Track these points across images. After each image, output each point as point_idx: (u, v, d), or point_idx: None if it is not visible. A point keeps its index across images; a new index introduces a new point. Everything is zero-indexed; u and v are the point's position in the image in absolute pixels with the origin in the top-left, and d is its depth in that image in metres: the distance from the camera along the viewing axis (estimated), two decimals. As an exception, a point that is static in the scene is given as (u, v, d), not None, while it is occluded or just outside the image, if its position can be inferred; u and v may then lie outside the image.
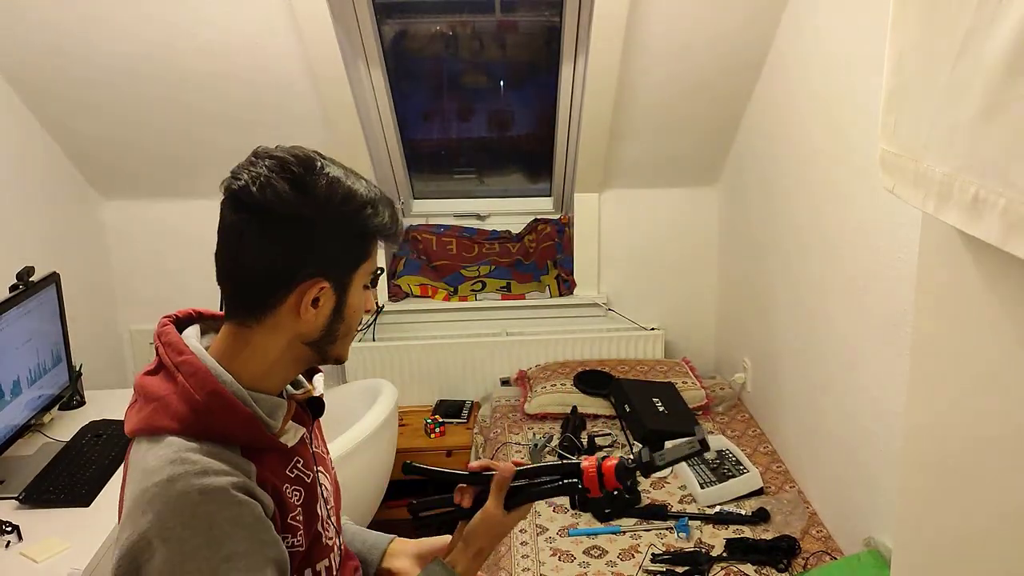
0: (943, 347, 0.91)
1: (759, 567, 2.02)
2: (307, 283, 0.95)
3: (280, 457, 1.02)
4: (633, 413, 2.66)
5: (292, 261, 0.95)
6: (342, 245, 0.97)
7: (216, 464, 0.91)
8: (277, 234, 0.94)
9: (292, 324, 0.98)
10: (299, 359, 1.02)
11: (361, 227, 0.97)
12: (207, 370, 0.95)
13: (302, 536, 1.02)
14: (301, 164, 0.94)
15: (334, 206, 0.95)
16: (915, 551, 1.01)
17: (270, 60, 2.48)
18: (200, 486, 0.88)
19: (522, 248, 3.23)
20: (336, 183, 0.95)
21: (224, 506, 0.89)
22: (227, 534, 0.88)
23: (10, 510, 1.83)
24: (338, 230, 0.96)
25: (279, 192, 0.92)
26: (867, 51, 1.89)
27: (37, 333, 2.12)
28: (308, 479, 1.06)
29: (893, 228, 1.79)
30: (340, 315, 1.00)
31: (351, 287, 1.00)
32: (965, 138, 0.71)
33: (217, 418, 0.94)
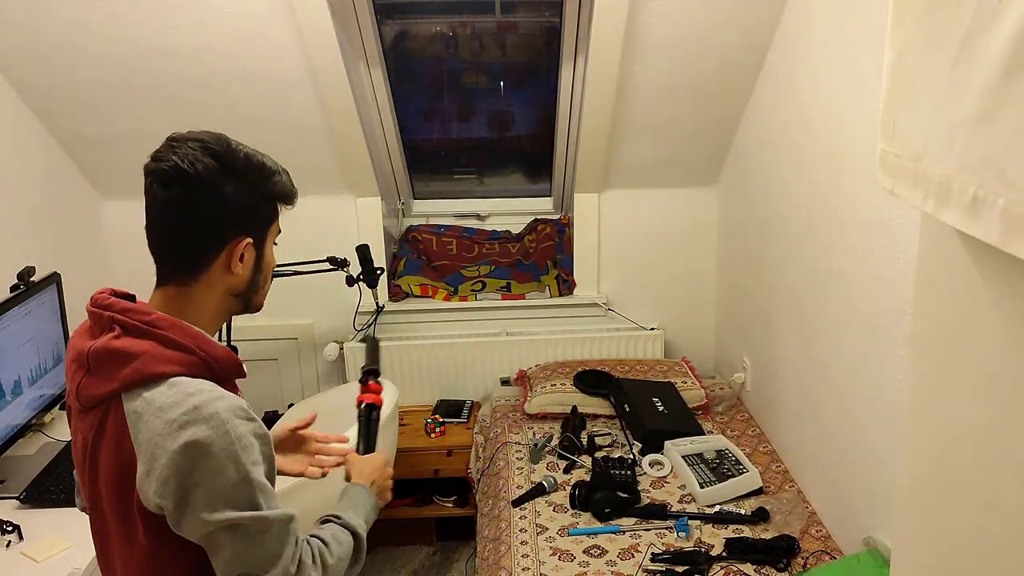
0: (943, 347, 0.91)
1: (759, 567, 2.02)
2: (234, 241, 1.13)
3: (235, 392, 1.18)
4: (633, 413, 2.66)
5: (221, 223, 1.12)
6: (259, 207, 1.17)
7: (227, 394, 1.08)
8: (207, 202, 1.10)
9: (223, 279, 1.15)
10: (228, 309, 1.19)
11: (271, 191, 1.17)
12: (181, 322, 1.11)
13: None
14: (219, 143, 1.12)
15: (251, 175, 1.14)
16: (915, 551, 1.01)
17: (270, 60, 2.48)
18: (224, 406, 1.05)
19: (522, 248, 3.23)
20: (250, 156, 1.14)
21: (244, 422, 1.06)
22: (251, 444, 1.06)
23: (11, 510, 1.84)
24: (255, 195, 1.15)
25: (207, 166, 1.09)
26: (866, 51, 1.89)
27: (38, 333, 2.12)
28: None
29: (892, 228, 1.79)
30: (259, 267, 1.19)
31: (266, 243, 1.20)
32: (964, 138, 0.71)
33: (207, 357, 1.10)
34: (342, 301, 3.00)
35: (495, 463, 2.63)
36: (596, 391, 2.84)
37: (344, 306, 3.04)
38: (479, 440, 2.85)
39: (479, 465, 2.75)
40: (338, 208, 3.02)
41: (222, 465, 1.03)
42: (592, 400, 2.82)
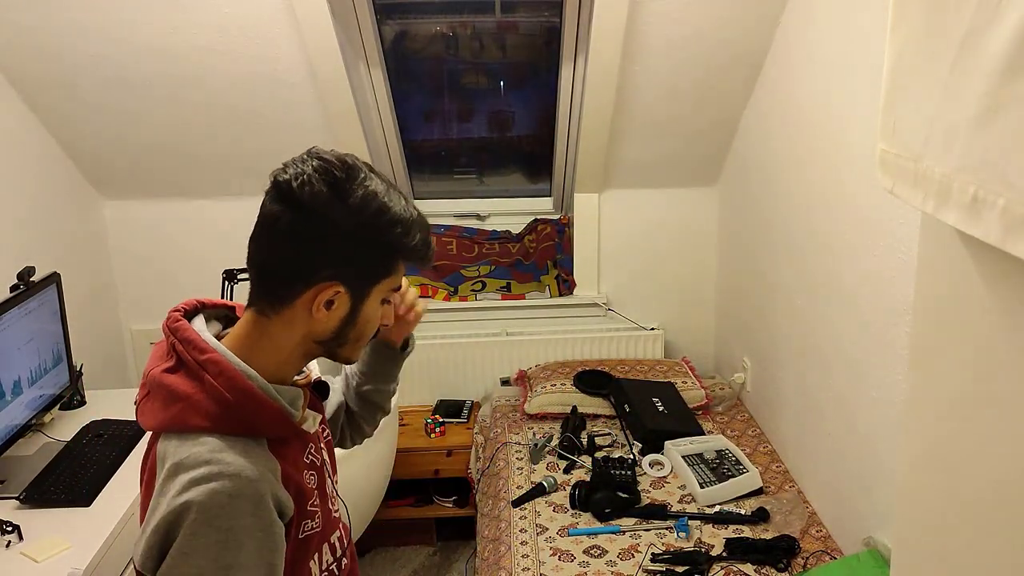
0: (942, 347, 0.91)
1: (759, 567, 2.02)
2: (323, 285, 0.99)
3: (300, 445, 1.07)
4: (633, 413, 2.66)
5: (313, 260, 0.98)
6: (365, 257, 1.00)
7: (248, 469, 0.94)
8: (305, 232, 0.97)
9: (305, 321, 1.01)
10: (309, 353, 1.06)
11: (387, 243, 1.00)
12: (234, 368, 0.98)
13: (320, 518, 1.08)
14: (344, 170, 0.98)
15: (364, 217, 0.97)
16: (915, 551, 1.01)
17: (270, 60, 2.48)
18: (231, 489, 0.92)
19: (522, 248, 3.23)
20: (372, 196, 0.98)
21: (244, 515, 0.92)
22: (240, 543, 0.92)
23: (10, 510, 1.84)
24: (363, 241, 0.99)
25: (316, 193, 0.96)
26: (866, 51, 1.89)
27: (38, 333, 2.12)
28: (319, 463, 1.11)
29: (892, 228, 1.79)
30: (352, 321, 1.03)
31: (368, 298, 1.03)
32: (964, 138, 0.71)
33: (248, 415, 0.97)
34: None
35: (495, 463, 2.63)
36: (596, 391, 2.84)
37: (344, 306, 3.04)
38: (479, 440, 2.85)
39: (479, 465, 2.75)
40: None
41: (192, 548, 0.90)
42: (592, 400, 2.82)
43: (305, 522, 1.04)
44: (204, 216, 3.01)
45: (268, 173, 1.02)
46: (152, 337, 3.14)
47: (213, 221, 3.02)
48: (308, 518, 1.05)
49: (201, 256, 3.01)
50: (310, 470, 1.08)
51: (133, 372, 3.16)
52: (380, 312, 1.07)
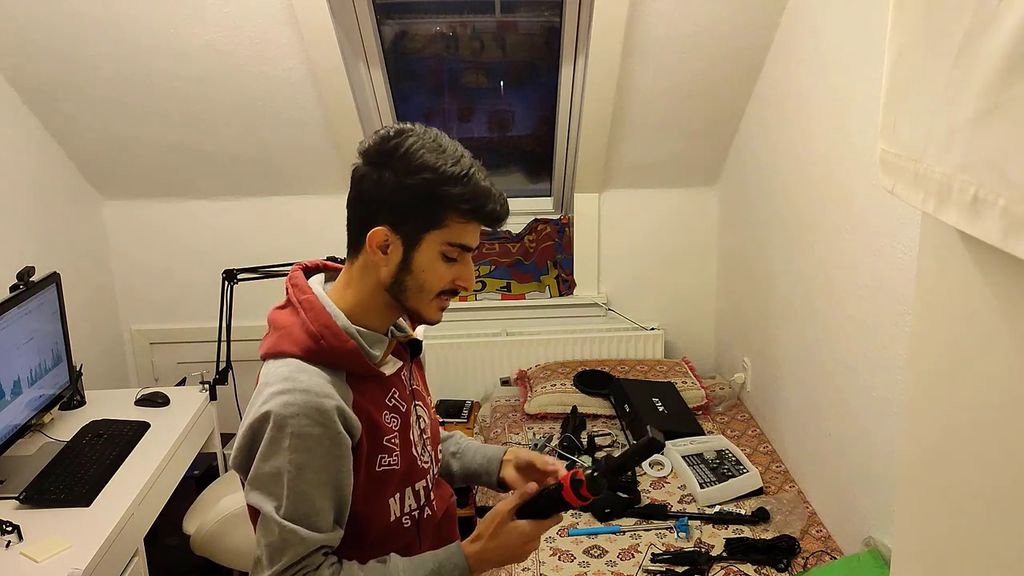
0: (943, 347, 0.91)
1: (759, 567, 2.02)
2: (376, 228, 1.11)
3: (379, 386, 1.18)
4: (633, 413, 2.66)
5: (371, 208, 1.12)
6: (411, 205, 1.10)
7: (319, 386, 1.08)
8: (364, 184, 1.12)
9: (372, 267, 1.14)
10: (389, 305, 1.17)
11: (430, 194, 1.10)
12: (322, 307, 1.14)
13: (398, 457, 1.18)
14: (398, 131, 1.12)
15: (414, 166, 1.09)
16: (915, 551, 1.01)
17: (270, 60, 2.48)
18: (302, 401, 1.06)
19: (522, 248, 3.23)
20: (418, 151, 1.10)
21: (312, 424, 1.06)
22: (308, 447, 1.06)
23: (10, 510, 1.84)
24: (407, 190, 1.10)
25: (380, 142, 1.11)
26: (867, 51, 1.89)
27: (37, 333, 2.12)
28: (403, 409, 1.22)
29: (893, 228, 1.79)
30: (407, 268, 1.13)
31: (420, 246, 1.12)
32: (964, 138, 0.71)
33: (329, 348, 1.11)
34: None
35: (495, 463, 2.63)
36: (596, 391, 2.84)
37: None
38: (479, 440, 2.85)
39: (479, 465, 2.75)
40: (338, 208, 2.98)
41: (271, 451, 1.06)
42: (592, 400, 2.82)
43: (381, 456, 1.16)
44: (204, 216, 3.01)
45: (268, 172, 1.10)
46: (152, 337, 3.14)
47: (213, 221, 3.02)
48: (384, 453, 1.16)
49: (201, 256, 3.01)
50: (392, 412, 1.19)
51: (133, 372, 3.16)
52: (441, 268, 1.14)
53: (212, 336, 2.65)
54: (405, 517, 1.22)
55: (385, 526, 1.19)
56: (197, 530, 2.17)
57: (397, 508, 1.21)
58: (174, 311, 3.11)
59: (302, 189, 2.96)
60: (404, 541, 1.23)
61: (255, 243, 2.99)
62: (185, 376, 2.86)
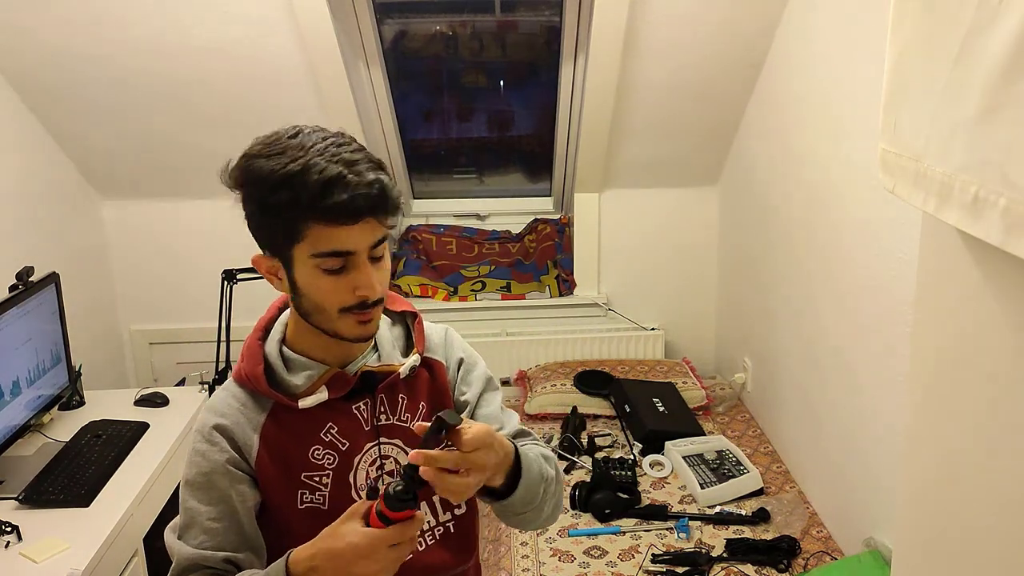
0: (943, 347, 0.91)
1: (759, 567, 2.02)
2: (261, 256, 1.07)
3: (305, 419, 1.09)
4: (633, 413, 2.66)
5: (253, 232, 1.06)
6: (262, 223, 1.02)
7: (220, 405, 1.09)
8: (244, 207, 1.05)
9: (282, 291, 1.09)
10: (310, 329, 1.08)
11: (269, 203, 0.98)
12: (262, 326, 1.14)
13: (324, 496, 1.09)
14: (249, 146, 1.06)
15: (248, 184, 1.01)
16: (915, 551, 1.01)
17: (270, 60, 2.48)
18: (201, 417, 1.09)
19: (522, 248, 3.22)
20: (256, 168, 1.00)
21: (201, 440, 1.07)
22: (194, 463, 1.07)
23: (10, 510, 1.83)
24: (258, 212, 1.01)
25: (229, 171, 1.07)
26: (867, 51, 1.89)
27: (37, 333, 2.12)
28: (343, 447, 1.10)
29: (893, 228, 1.79)
30: (296, 291, 1.04)
31: (294, 264, 1.01)
32: (965, 138, 0.71)
33: (244, 369, 1.10)
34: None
35: (495, 463, 2.63)
36: (596, 391, 2.84)
37: (344, 306, 3.04)
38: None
39: (479, 465, 2.74)
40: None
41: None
42: (592, 400, 2.82)
43: (301, 492, 1.08)
44: (203, 216, 3.00)
45: None
46: (151, 337, 3.14)
47: (212, 221, 3.01)
48: (304, 489, 1.09)
49: (200, 256, 3.01)
50: (326, 448, 1.09)
51: (132, 372, 3.16)
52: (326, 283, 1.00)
53: (211, 336, 2.64)
54: None
55: None
56: (197, 530, 2.17)
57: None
58: (173, 311, 3.11)
59: (302, 189, 2.95)
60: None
61: (255, 243, 2.98)
62: (184, 376, 2.86)
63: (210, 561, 1.03)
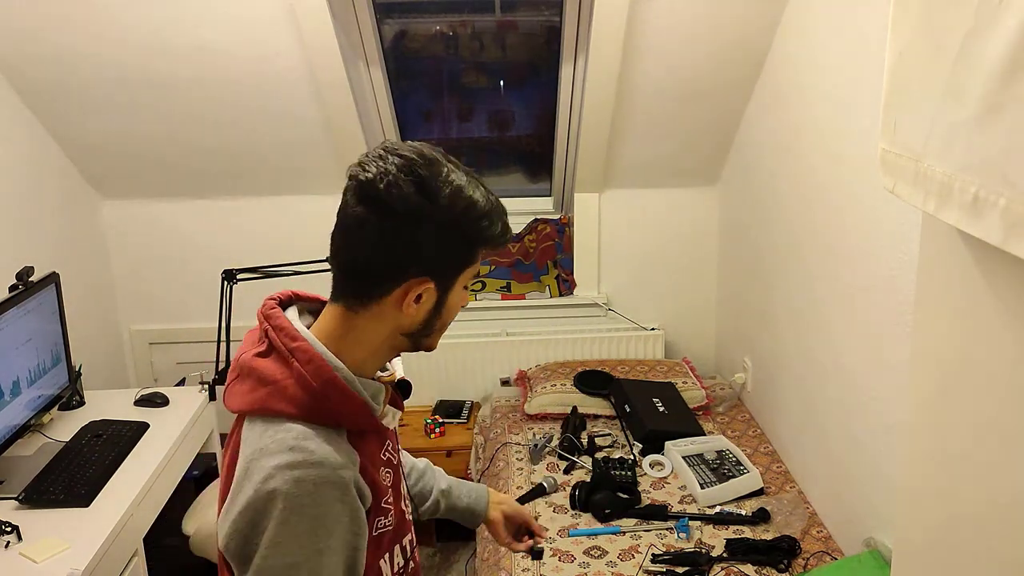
0: (943, 346, 0.91)
1: (759, 567, 2.02)
2: (414, 281, 0.99)
3: (377, 441, 1.07)
4: (633, 413, 2.66)
5: (405, 259, 0.98)
6: (454, 251, 1.01)
7: (331, 456, 0.94)
8: (395, 232, 0.96)
9: (394, 315, 1.01)
10: (395, 347, 1.06)
11: (474, 236, 1.01)
12: (322, 357, 0.98)
13: (393, 516, 1.07)
14: (427, 167, 0.96)
15: (454, 215, 0.97)
16: (915, 551, 1.01)
17: (270, 60, 2.48)
18: (315, 477, 0.92)
19: (522, 248, 3.23)
20: (458, 192, 0.97)
21: (333, 502, 0.93)
22: (328, 529, 0.93)
23: (10, 510, 1.83)
24: (453, 237, 0.99)
25: (404, 194, 0.95)
26: (867, 51, 1.89)
27: (37, 333, 2.12)
28: (395, 461, 1.12)
29: (893, 228, 1.79)
30: (439, 312, 1.04)
31: (453, 288, 1.04)
32: (965, 138, 0.71)
33: (331, 405, 0.97)
34: (342, 301, 3.00)
35: (495, 464, 2.63)
36: (596, 391, 2.84)
37: (344, 306, 3.04)
38: (479, 440, 2.85)
39: (479, 466, 2.75)
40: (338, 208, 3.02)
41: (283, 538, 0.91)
42: (592, 400, 2.82)
43: (379, 519, 1.05)
44: (204, 216, 3.01)
45: (268, 172, 1.02)
46: (151, 337, 3.14)
47: (213, 221, 3.02)
48: (382, 515, 1.05)
49: (200, 256, 3.01)
50: (386, 467, 1.08)
51: (132, 372, 3.16)
52: (461, 300, 1.07)
53: (211, 336, 2.65)
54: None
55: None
56: (197, 530, 2.17)
57: (388, 570, 1.09)
58: (173, 311, 3.11)
59: (302, 189, 2.95)
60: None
61: (255, 243, 2.99)
62: (184, 376, 2.86)
63: None
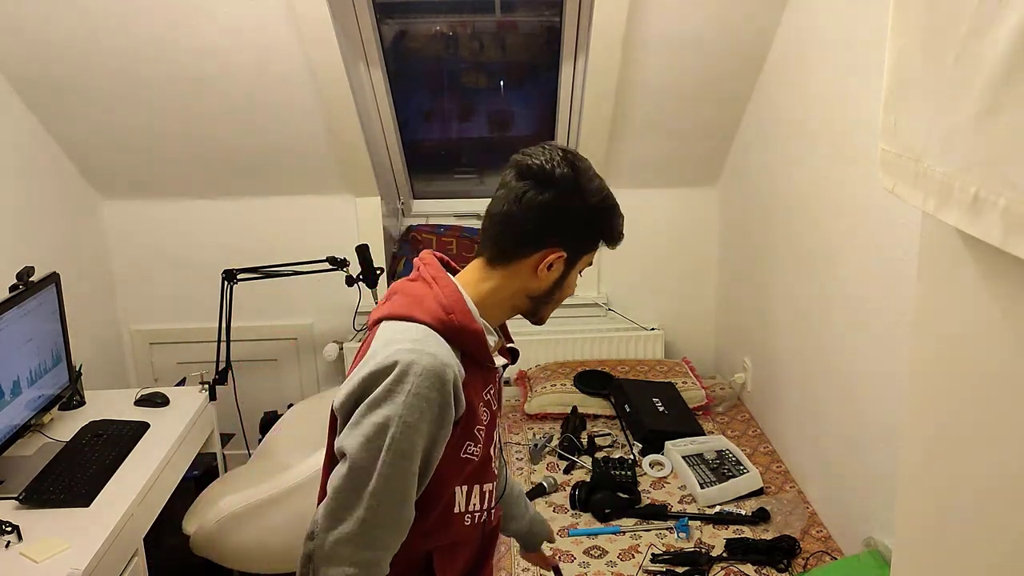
0: (943, 347, 0.91)
1: (759, 567, 2.02)
2: (551, 249, 1.17)
3: (484, 375, 1.22)
4: (633, 413, 2.66)
5: (550, 229, 1.17)
6: (589, 233, 1.20)
7: (446, 355, 1.10)
8: (550, 204, 1.15)
9: (526, 277, 1.20)
10: (516, 307, 1.24)
11: (607, 227, 1.21)
12: (455, 286, 1.19)
13: (481, 448, 1.20)
14: (582, 160, 1.19)
15: (599, 201, 1.18)
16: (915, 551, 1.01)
17: (270, 60, 2.48)
18: (426, 363, 1.07)
19: (522, 248, 3.22)
20: (603, 187, 1.19)
21: (431, 389, 1.06)
22: (421, 409, 1.06)
23: (10, 510, 1.83)
24: (593, 221, 1.19)
25: (565, 175, 1.15)
26: (867, 51, 1.89)
27: (37, 333, 2.12)
28: (494, 407, 1.27)
29: (893, 228, 1.79)
30: (561, 284, 1.22)
31: (576, 266, 1.22)
32: (965, 138, 0.71)
33: (456, 326, 1.14)
34: (342, 301, 3.00)
35: (495, 463, 2.63)
36: (596, 391, 2.84)
37: (344, 306, 3.04)
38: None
39: (479, 465, 2.75)
40: (338, 208, 3.02)
41: (386, 398, 1.06)
42: (592, 400, 2.82)
43: (467, 443, 1.17)
44: (204, 216, 3.00)
45: (268, 172, 1.05)
46: (151, 337, 3.14)
47: (213, 221, 3.02)
48: (471, 441, 1.18)
49: (201, 256, 3.01)
50: (486, 406, 1.22)
51: (132, 372, 3.16)
52: (576, 280, 1.25)
53: (212, 336, 2.65)
54: (467, 516, 1.22)
55: (447, 515, 1.19)
56: (197, 530, 2.17)
57: (463, 501, 1.21)
58: (174, 311, 3.11)
59: (302, 189, 2.95)
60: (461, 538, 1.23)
61: (255, 243, 2.99)
62: (185, 376, 2.86)
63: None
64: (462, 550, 1.26)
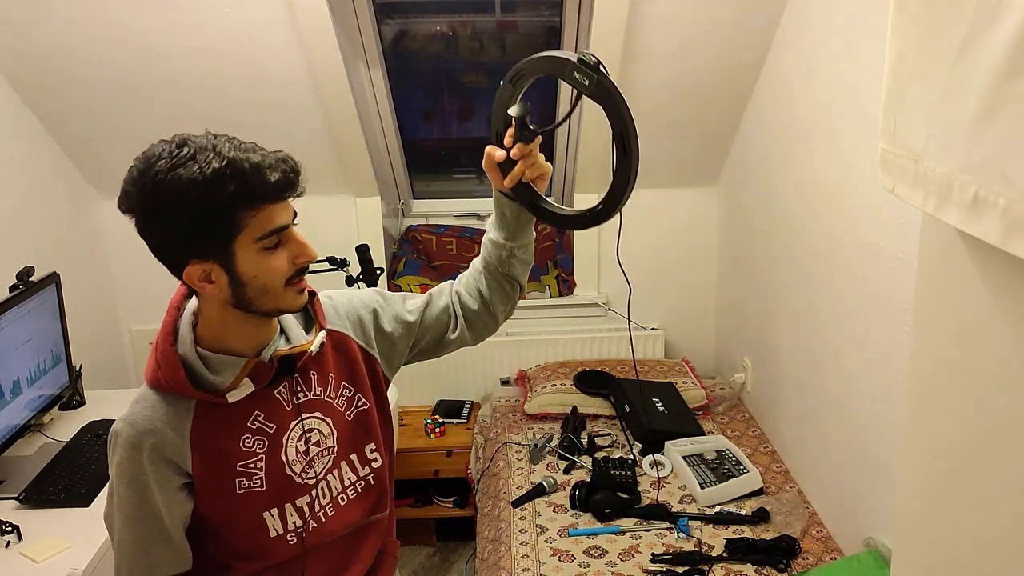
0: (943, 347, 0.91)
1: (759, 567, 2.02)
2: (191, 266, 1.05)
3: (231, 413, 1.14)
4: (633, 413, 2.66)
5: (173, 249, 1.05)
6: (198, 231, 1.02)
7: (142, 420, 1.10)
8: (147, 237, 1.06)
9: (209, 295, 1.09)
10: (245, 319, 1.12)
11: (211, 208, 1.00)
12: (169, 331, 1.12)
13: (261, 479, 1.16)
14: (142, 166, 1.05)
15: (173, 200, 1.00)
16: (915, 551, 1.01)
17: (270, 60, 2.48)
18: (119, 430, 1.10)
19: (522, 248, 3.22)
20: (168, 175, 1.00)
21: (123, 458, 1.09)
22: (118, 475, 1.10)
23: (10, 510, 1.84)
24: (186, 219, 1.01)
25: (127, 203, 1.07)
26: (867, 51, 1.89)
27: (37, 333, 2.12)
28: (271, 430, 1.17)
29: (893, 228, 1.79)
30: (239, 282, 1.06)
31: (236, 257, 1.04)
32: (965, 138, 0.71)
33: (164, 376, 1.10)
34: (342, 301, 3.00)
35: (495, 463, 2.63)
36: (596, 391, 2.84)
37: (344, 306, 3.04)
38: (479, 440, 2.85)
39: (479, 465, 2.75)
40: (338, 208, 3.02)
41: (110, 469, 1.13)
42: (592, 400, 2.82)
43: (238, 480, 1.14)
44: (204, 216, 3.00)
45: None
46: (151, 337, 3.13)
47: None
48: (242, 477, 1.15)
49: (201, 256, 3.00)
50: (255, 435, 1.16)
51: (132, 372, 3.16)
52: (271, 262, 1.07)
53: (212, 336, 2.65)
54: (290, 535, 1.20)
55: (266, 542, 1.18)
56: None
57: (278, 525, 1.18)
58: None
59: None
60: (288, 555, 1.21)
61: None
62: (185, 376, 2.85)
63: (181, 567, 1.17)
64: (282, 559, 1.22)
